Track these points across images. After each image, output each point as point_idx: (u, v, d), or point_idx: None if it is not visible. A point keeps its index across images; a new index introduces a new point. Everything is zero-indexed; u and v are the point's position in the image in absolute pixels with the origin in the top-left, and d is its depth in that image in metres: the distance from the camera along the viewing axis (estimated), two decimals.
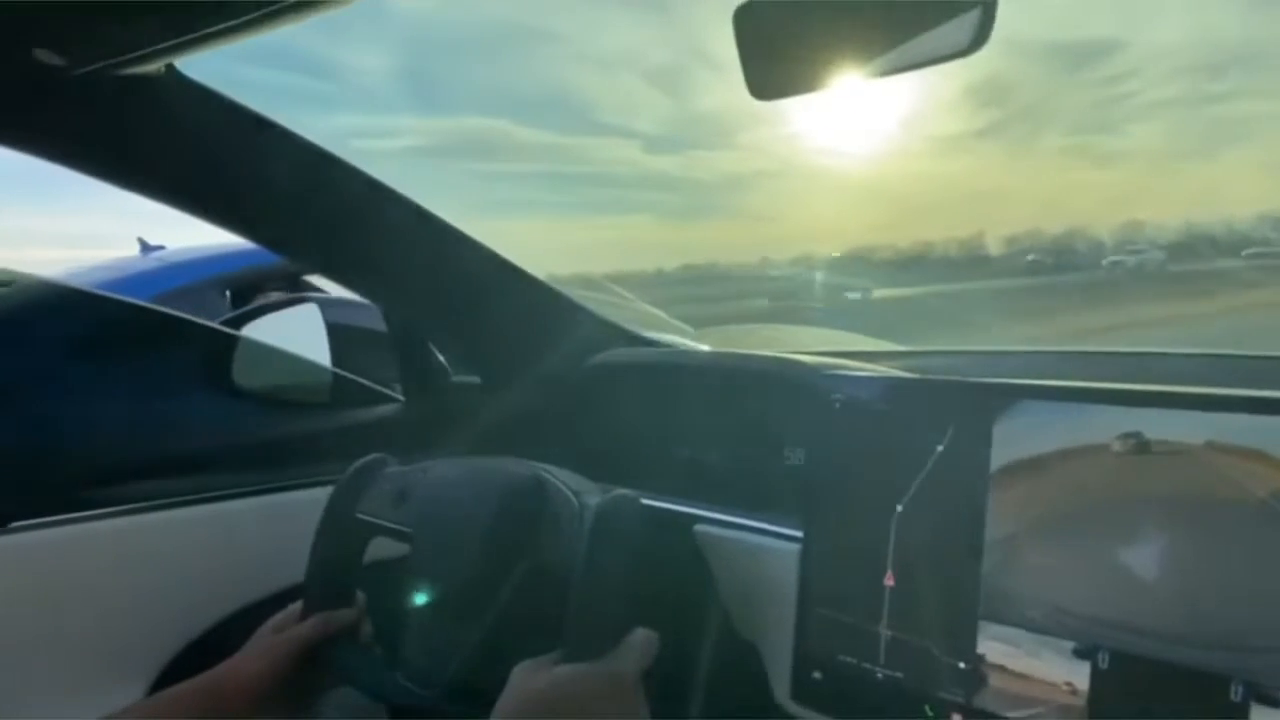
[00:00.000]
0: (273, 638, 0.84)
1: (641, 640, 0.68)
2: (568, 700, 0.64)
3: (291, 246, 1.09)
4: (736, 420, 1.01)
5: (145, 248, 2.76)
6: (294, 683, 0.82)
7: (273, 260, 2.07)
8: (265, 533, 1.11)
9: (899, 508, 0.72)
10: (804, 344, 1.30)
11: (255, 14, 0.68)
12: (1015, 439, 0.66)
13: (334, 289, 1.38)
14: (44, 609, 0.96)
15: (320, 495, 1.11)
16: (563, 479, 0.76)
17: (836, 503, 0.77)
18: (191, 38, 0.73)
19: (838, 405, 0.77)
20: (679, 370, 1.08)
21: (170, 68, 0.83)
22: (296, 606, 0.88)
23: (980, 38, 0.46)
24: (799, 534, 0.80)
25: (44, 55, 0.70)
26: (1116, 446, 0.61)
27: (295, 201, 0.99)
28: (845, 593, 0.75)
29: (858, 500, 0.75)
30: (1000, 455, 0.67)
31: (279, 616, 0.88)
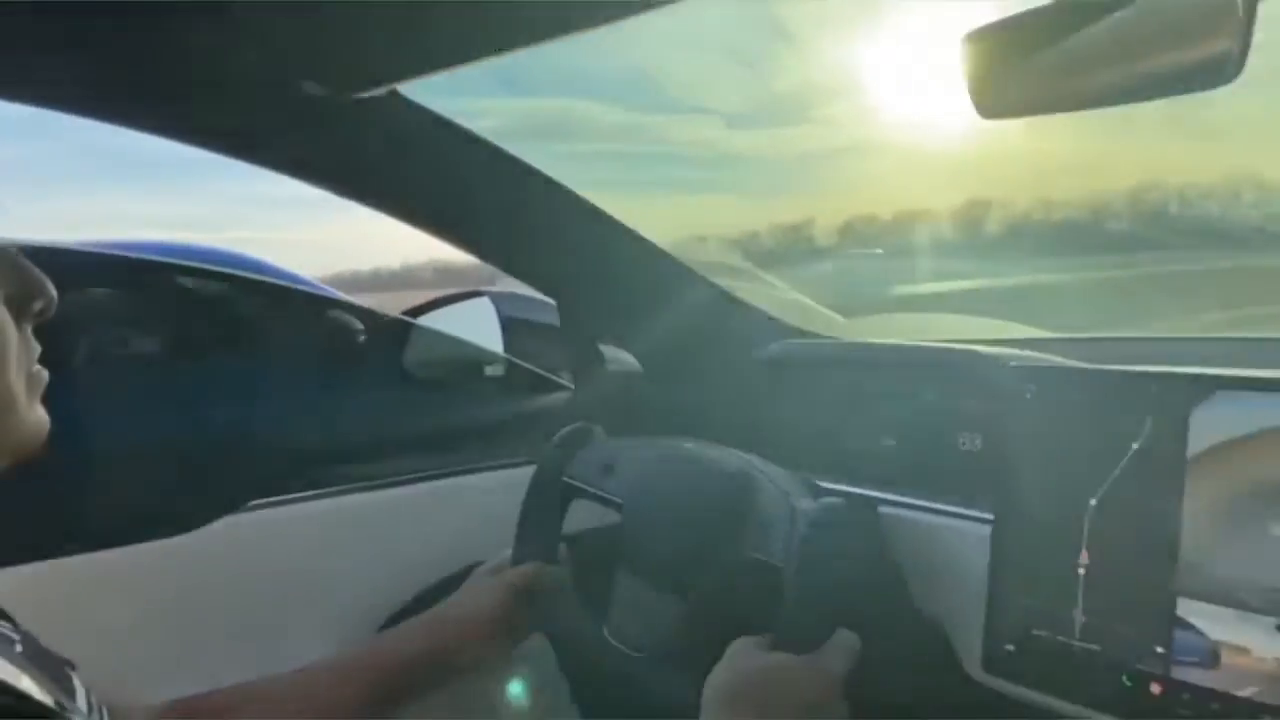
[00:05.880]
0: (489, 578, 0.94)
1: (847, 642, 0.74)
2: (780, 687, 0.70)
3: (481, 246, 1.17)
4: (906, 408, 1.06)
5: None
6: (504, 623, 0.91)
7: None
8: (453, 512, 1.20)
9: (1093, 500, 0.75)
10: (961, 332, 1.33)
11: (487, 47, 0.76)
12: (1213, 423, 0.69)
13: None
14: (279, 576, 1.08)
15: (505, 477, 1.22)
16: (771, 475, 0.83)
17: (1027, 489, 0.81)
18: (422, 65, 0.82)
19: (1029, 396, 0.81)
20: (852, 362, 1.13)
21: (394, 91, 0.92)
22: (507, 555, 0.97)
23: (1231, 69, 0.48)
24: (987, 517, 0.85)
25: (310, 87, 0.79)
26: None
27: (488, 206, 1.07)
28: (1038, 573, 0.79)
29: (1049, 487, 0.79)
30: (1198, 440, 0.70)
31: (493, 562, 0.97)
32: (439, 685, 0.90)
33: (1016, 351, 0.95)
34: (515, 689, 1.01)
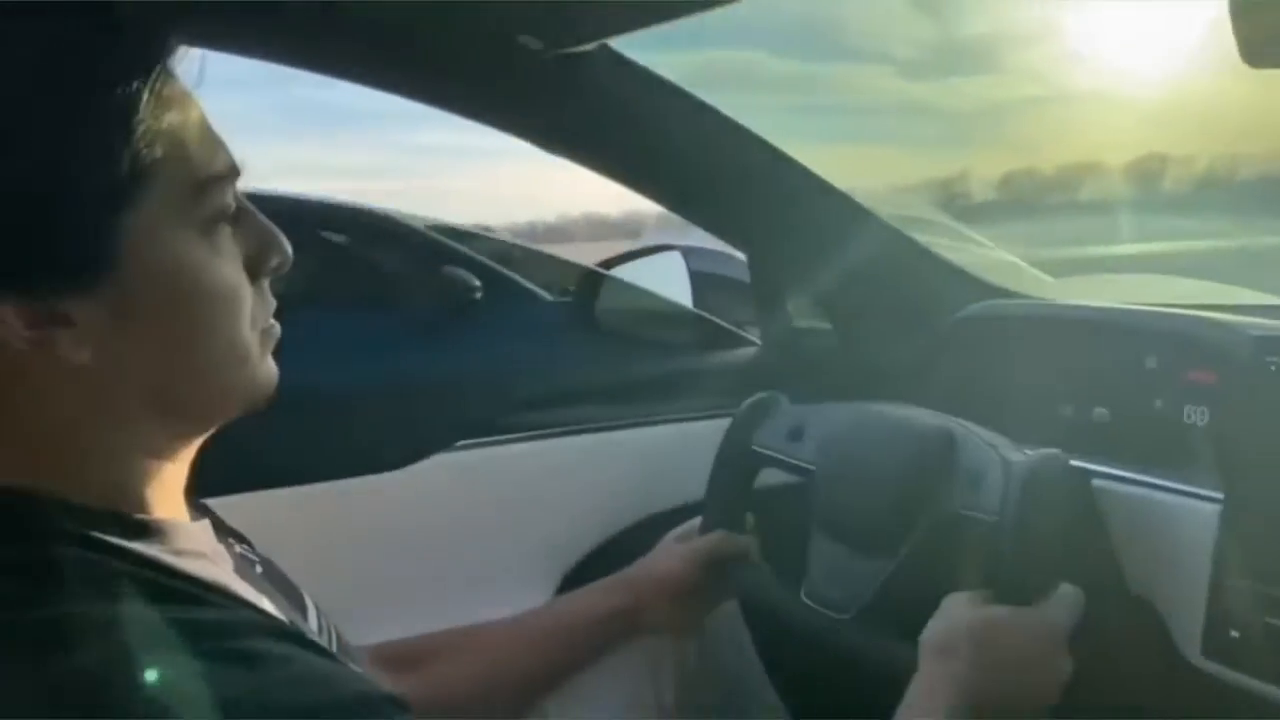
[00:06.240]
0: (678, 545, 0.95)
1: (1071, 597, 0.71)
2: (1003, 639, 0.69)
3: (678, 198, 1.17)
4: (1124, 377, 1.00)
5: None
6: (694, 589, 0.93)
7: None
8: (642, 461, 1.22)
9: None
10: (1181, 295, 1.24)
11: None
12: None
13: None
14: (476, 516, 1.13)
15: (693, 429, 1.23)
16: (974, 431, 0.80)
17: (1264, 467, 0.75)
18: (640, 19, 0.82)
19: (1273, 368, 0.75)
20: (1063, 325, 1.07)
21: (604, 45, 0.93)
22: (696, 521, 0.98)
23: None
24: (1214, 495, 0.79)
25: (527, 41, 0.81)
26: None
27: (688, 159, 1.08)
28: (1274, 557, 0.74)
29: None
30: None
31: (681, 529, 0.98)
32: (626, 643, 0.93)
33: (1255, 320, 0.88)
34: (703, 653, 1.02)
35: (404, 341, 1.29)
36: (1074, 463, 0.91)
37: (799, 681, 1.01)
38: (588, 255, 1.48)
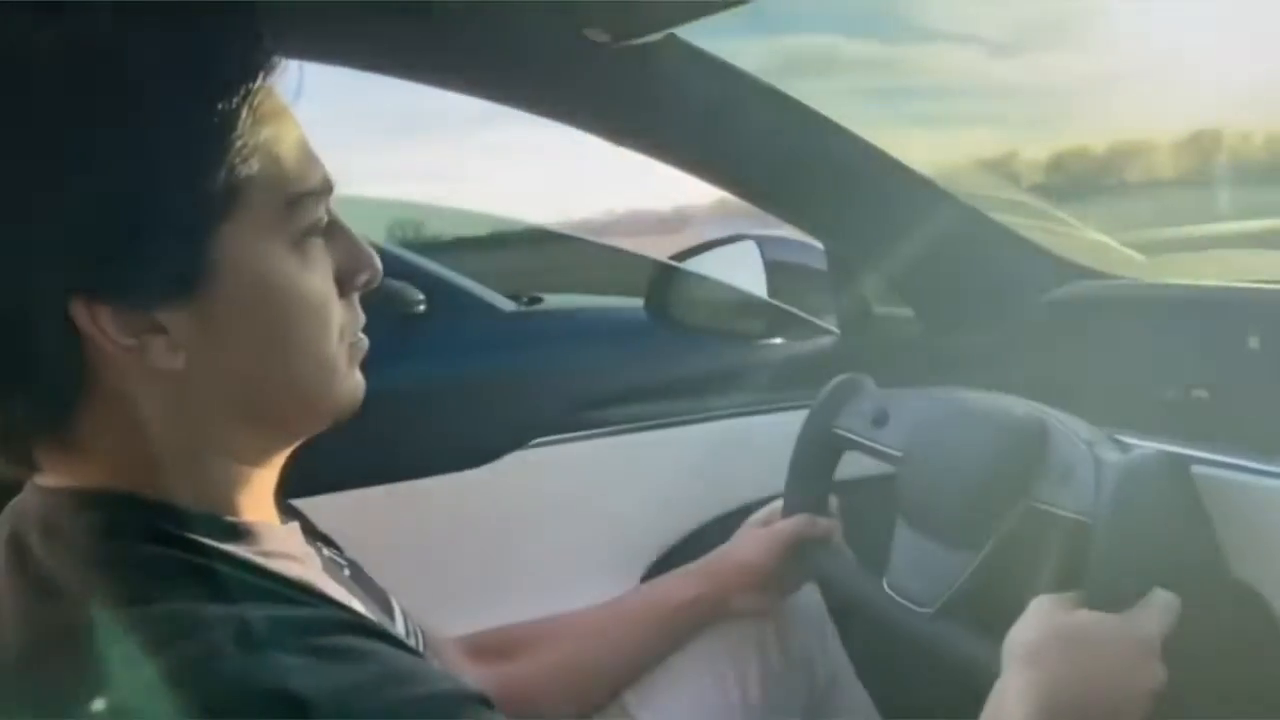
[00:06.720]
0: (759, 530, 0.94)
1: (1165, 602, 0.67)
2: (1092, 647, 0.66)
3: (752, 188, 1.16)
4: (1223, 357, 0.95)
5: None
6: (776, 573, 0.92)
7: None
8: (722, 454, 1.21)
9: None
10: (1275, 272, 1.18)
11: None
12: None
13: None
14: (556, 511, 1.14)
15: (771, 421, 1.21)
16: (1067, 423, 0.77)
17: None
18: (704, 7, 0.81)
19: None
20: (1156, 305, 1.03)
21: (671, 34, 0.92)
22: (778, 505, 0.97)
23: None
24: None
25: (594, 34, 0.80)
26: None
27: (763, 147, 1.06)
28: None
29: None
30: None
31: (763, 513, 0.97)
32: (711, 633, 0.92)
33: None
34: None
35: (493, 339, 1.29)
36: (1173, 449, 0.88)
37: (883, 673, 0.99)
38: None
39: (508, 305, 1.32)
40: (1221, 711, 0.80)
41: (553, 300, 1.44)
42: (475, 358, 1.20)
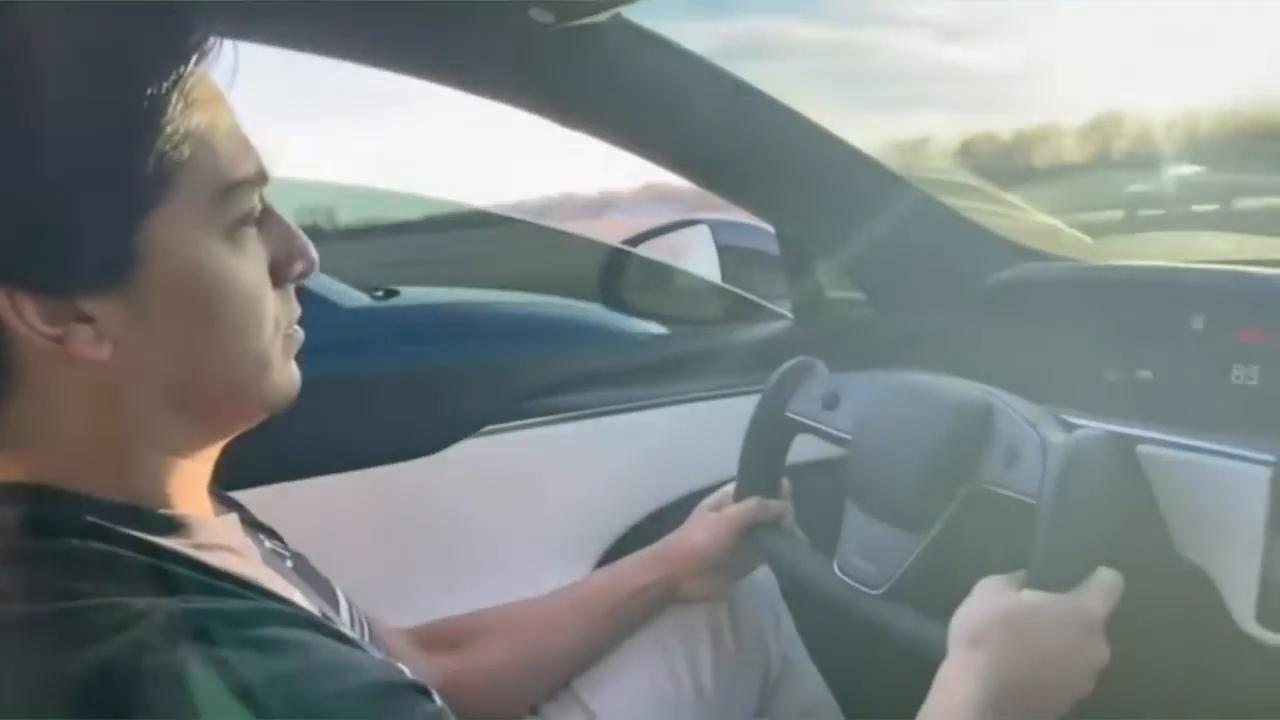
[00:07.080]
0: (711, 514, 0.94)
1: (1109, 581, 0.68)
2: (1036, 627, 0.66)
3: (701, 170, 1.15)
4: (1167, 338, 0.96)
5: None
6: (728, 557, 0.92)
7: None
8: (676, 439, 1.21)
9: None
10: (1225, 252, 1.20)
11: None
12: None
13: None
14: (508, 499, 1.12)
15: (723, 406, 1.21)
16: (1013, 405, 0.77)
17: None
18: None
19: None
20: (1101, 287, 1.04)
21: (617, 15, 0.91)
22: (730, 489, 0.96)
23: None
24: (1265, 458, 0.76)
25: (538, 14, 0.79)
26: None
27: (710, 129, 1.05)
28: None
29: None
30: None
31: (714, 497, 0.97)
32: (661, 613, 0.92)
33: None
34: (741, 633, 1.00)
35: (438, 327, 1.27)
36: (1118, 429, 0.89)
37: (835, 655, 1.00)
38: None
39: (355, 300, 1.30)
40: (1166, 689, 0.81)
41: (409, 294, 1.42)
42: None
